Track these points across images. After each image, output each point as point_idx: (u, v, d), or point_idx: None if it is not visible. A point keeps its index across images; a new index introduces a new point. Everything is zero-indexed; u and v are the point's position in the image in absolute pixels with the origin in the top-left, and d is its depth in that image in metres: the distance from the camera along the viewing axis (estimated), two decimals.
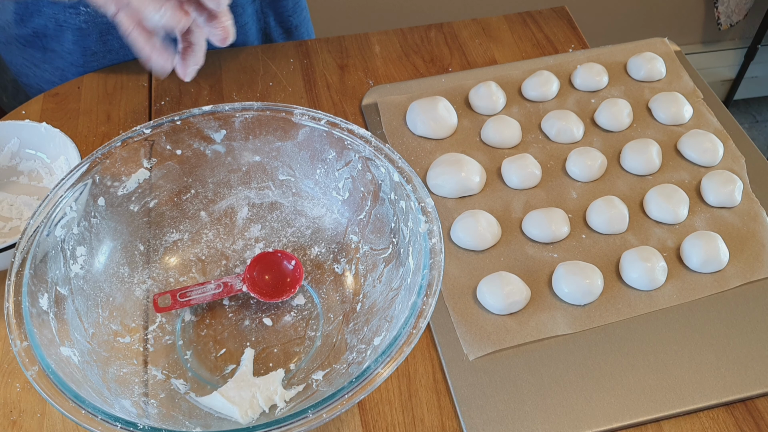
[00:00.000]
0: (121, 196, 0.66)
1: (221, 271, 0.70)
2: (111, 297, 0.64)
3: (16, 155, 0.78)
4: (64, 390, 0.50)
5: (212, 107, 0.66)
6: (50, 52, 0.92)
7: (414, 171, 0.62)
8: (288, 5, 1.02)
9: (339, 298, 0.68)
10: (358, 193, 0.68)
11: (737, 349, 0.66)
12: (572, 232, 0.74)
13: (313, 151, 0.68)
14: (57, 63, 0.93)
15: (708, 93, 0.88)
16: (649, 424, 0.62)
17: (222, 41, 0.63)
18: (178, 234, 0.70)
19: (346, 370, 0.60)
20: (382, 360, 0.51)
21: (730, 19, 2.02)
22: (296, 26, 1.06)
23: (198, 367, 0.63)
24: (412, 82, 0.90)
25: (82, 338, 0.59)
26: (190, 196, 0.70)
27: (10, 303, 0.54)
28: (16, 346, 0.52)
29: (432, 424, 0.62)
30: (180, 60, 0.65)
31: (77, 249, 0.62)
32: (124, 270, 0.66)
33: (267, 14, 1.01)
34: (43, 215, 0.59)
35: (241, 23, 0.96)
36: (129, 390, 0.59)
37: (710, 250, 0.70)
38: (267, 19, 1.02)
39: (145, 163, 0.66)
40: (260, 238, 0.72)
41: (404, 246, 0.62)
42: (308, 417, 0.49)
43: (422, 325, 0.53)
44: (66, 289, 0.60)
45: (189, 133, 0.67)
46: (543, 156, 0.81)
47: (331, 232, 0.71)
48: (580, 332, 0.67)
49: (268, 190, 0.72)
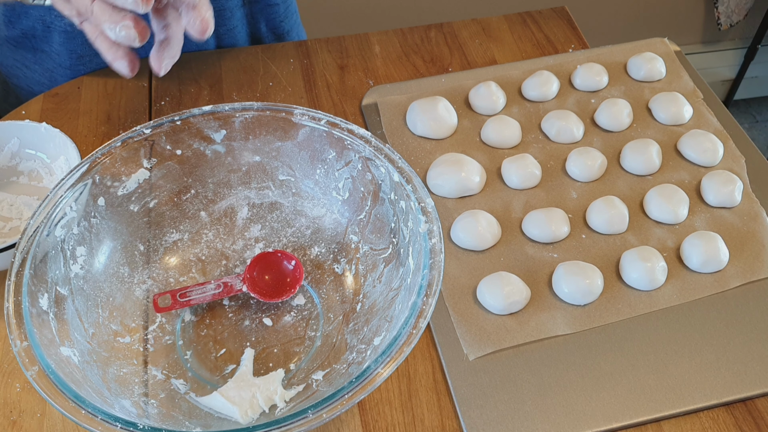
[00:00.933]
0: (121, 196, 0.66)
1: (221, 271, 0.70)
2: (111, 297, 0.64)
3: (16, 155, 0.78)
4: (64, 390, 0.50)
5: (212, 107, 0.66)
6: (40, 53, 0.92)
7: (414, 171, 0.62)
8: (279, 11, 1.02)
9: (339, 298, 0.68)
10: (358, 193, 0.68)
11: (737, 349, 0.66)
12: (572, 232, 0.74)
13: (313, 151, 0.68)
14: (47, 64, 0.93)
15: (708, 93, 0.88)
16: (649, 424, 0.62)
17: (200, 33, 0.62)
18: (178, 234, 0.70)
19: (346, 370, 0.60)
20: (382, 360, 0.51)
21: (730, 19, 2.02)
22: (287, 31, 1.06)
23: (198, 367, 0.63)
24: (412, 82, 0.90)
25: (82, 338, 0.59)
26: (190, 196, 0.70)
27: (10, 303, 0.54)
28: (16, 346, 0.52)
29: (432, 424, 0.62)
30: (155, 53, 0.64)
31: (77, 249, 0.62)
32: (124, 270, 0.66)
33: (258, 20, 1.01)
34: (43, 215, 0.59)
35: (230, 27, 0.96)
36: (129, 390, 0.59)
37: (710, 250, 0.70)
38: (258, 25, 1.01)
39: (145, 163, 0.66)
40: (260, 238, 0.72)
41: (404, 246, 0.62)
42: (308, 417, 0.49)
43: (422, 325, 0.53)
44: (66, 289, 0.60)
45: (189, 133, 0.67)
46: (543, 156, 0.81)
47: (331, 232, 0.71)
48: (580, 332, 0.67)
49: (268, 190, 0.72)
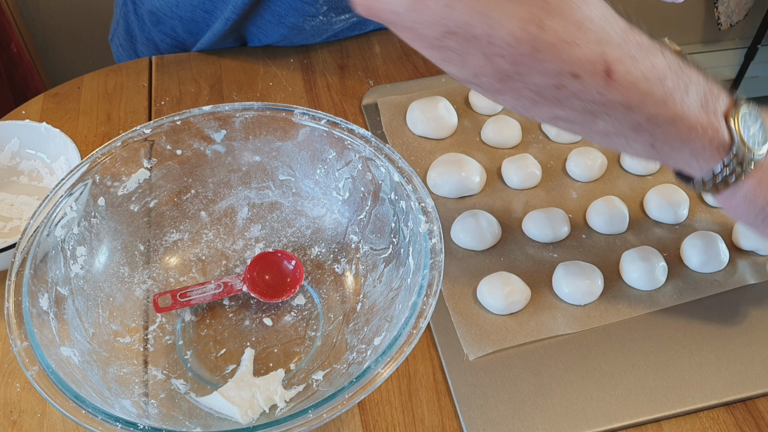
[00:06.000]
0: (122, 196, 0.66)
1: (221, 271, 0.70)
2: (111, 297, 0.64)
3: (16, 155, 0.78)
4: (64, 390, 0.50)
5: (212, 107, 0.66)
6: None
7: (414, 171, 0.62)
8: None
9: (339, 298, 0.68)
10: (358, 193, 0.68)
11: (737, 349, 0.66)
12: (572, 232, 0.74)
13: (313, 151, 0.68)
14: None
15: None
16: (649, 424, 0.62)
17: None
18: (178, 234, 0.70)
19: (347, 370, 0.60)
20: (382, 360, 0.51)
21: (730, 19, 2.02)
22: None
23: (198, 367, 0.63)
24: (412, 82, 0.90)
25: (83, 338, 0.58)
26: (190, 196, 0.70)
27: (10, 303, 0.54)
28: (16, 346, 0.51)
29: (432, 424, 0.62)
30: None
31: (77, 249, 0.62)
32: (124, 270, 0.66)
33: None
34: (43, 215, 0.59)
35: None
36: (129, 390, 0.59)
37: (710, 250, 0.70)
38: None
39: (145, 163, 0.66)
40: (260, 238, 0.72)
41: (404, 246, 0.62)
42: (309, 417, 0.49)
43: (422, 325, 0.53)
44: (66, 289, 0.60)
45: (189, 133, 0.67)
46: (543, 156, 0.81)
47: (331, 232, 0.71)
48: (580, 332, 0.67)
49: (268, 190, 0.72)
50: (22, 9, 1.67)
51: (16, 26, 1.62)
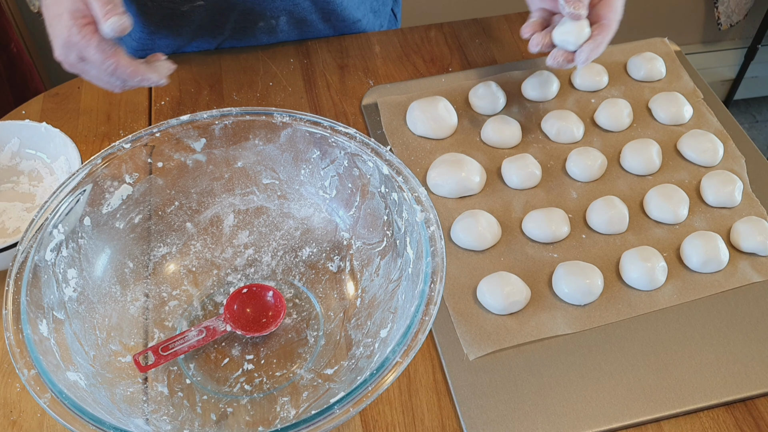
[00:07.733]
0: (106, 214, 0.65)
1: (213, 281, 0.69)
2: (106, 317, 0.63)
3: (16, 155, 0.78)
4: (80, 414, 0.49)
5: (190, 116, 0.65)
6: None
7: (403, 162, 0.62)
8: None
9: (337, 296, 0.68)
10: (346, 190, 0.68)
11: (737, 349, 0.66)
12: (572, 232, 0.74)
13: (296, 152, 0.68)
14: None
15: (708, 93, 0.88)
16: (649, 424, 0.62)
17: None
18: (166, 248, 0.70)
19: (356, 365, 0.60)
20: (399, 349, 0.51)
21: (730, 19, 2.02)
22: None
23: (203, 380, 0.63)
24: (412, 82, 0.90)
25: (85, 361, 0.58)
26: (174, 208, 0.69)
27: (10, 332, 0.53)
28: (24, 375, 0.50)
29: (432, 424, 0.62)
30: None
31: (68, 271, 0.61)
32: (115, 289, 0.65)
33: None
34: (29, 239, 0.57)
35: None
36: (138, 408, 0.58)
37: (710, 250, 0.70)
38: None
39: (128, 179, 0.65)
40: (249, 244, 0.71)
41: (400, 237, 0.62)
42: (335, 413, 0.49)
43: (433, 312, 0.53)
44: (62, 313, 0.58)
45: (169, 144, 0.66)
46: (543, 156, 0.81)
47: (321, 232, 0.71)
48: (580, 332, 0.67)
49: (252, 195, 0.71)
50: (22, 9, 1.67)
51: (16, 26, 1.61)
